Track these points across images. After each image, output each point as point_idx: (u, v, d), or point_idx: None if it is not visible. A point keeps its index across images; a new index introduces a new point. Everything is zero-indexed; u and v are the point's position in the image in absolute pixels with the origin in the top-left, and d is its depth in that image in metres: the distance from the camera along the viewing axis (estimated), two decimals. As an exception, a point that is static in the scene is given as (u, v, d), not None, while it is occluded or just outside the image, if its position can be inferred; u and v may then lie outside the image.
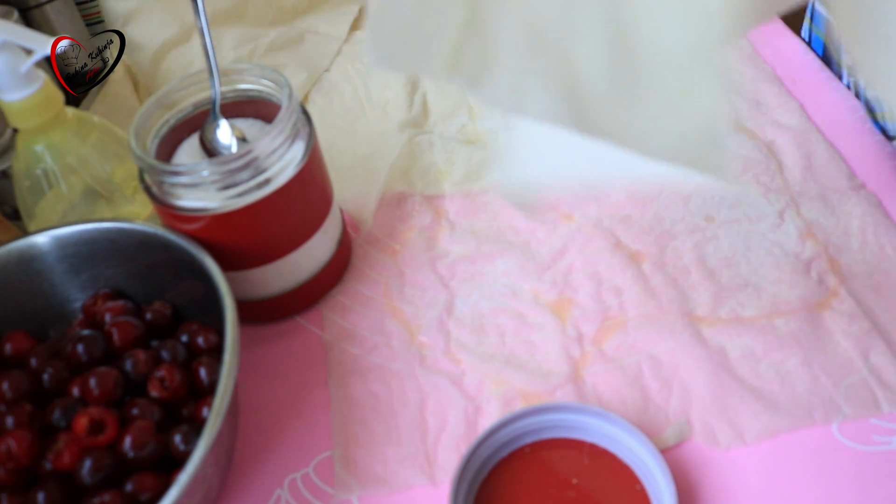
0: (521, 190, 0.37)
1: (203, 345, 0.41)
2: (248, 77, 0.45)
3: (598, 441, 0.39)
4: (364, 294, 0.49)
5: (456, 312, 0.47)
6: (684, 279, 0.47)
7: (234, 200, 0.41)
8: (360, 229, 0.53)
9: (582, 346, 0.44)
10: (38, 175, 0.45)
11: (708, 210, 0.51)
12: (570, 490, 0.37)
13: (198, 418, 0.39)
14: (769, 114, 0.57)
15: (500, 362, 0.44)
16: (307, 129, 0.44)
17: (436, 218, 0.53)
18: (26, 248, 0.43)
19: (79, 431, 0.36)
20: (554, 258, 0.49)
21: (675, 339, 0.43)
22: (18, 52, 0.41)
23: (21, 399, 0.39)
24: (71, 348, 0.40)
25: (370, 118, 0.62)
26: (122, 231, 0.43)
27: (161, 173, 0.40)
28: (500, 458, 0.38)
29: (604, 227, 0.50)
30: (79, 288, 0.45)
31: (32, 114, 0.42)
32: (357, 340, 0.46)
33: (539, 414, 0.39)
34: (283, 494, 0.40)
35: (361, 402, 0.43)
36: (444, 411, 0.42)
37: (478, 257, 0.50)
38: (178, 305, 0.44)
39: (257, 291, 0.45)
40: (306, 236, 0.45)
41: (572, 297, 0.47)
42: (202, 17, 0.43)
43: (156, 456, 0.37)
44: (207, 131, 0.44)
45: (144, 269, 0.44)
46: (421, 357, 0.45)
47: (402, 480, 0.39)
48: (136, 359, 0.40)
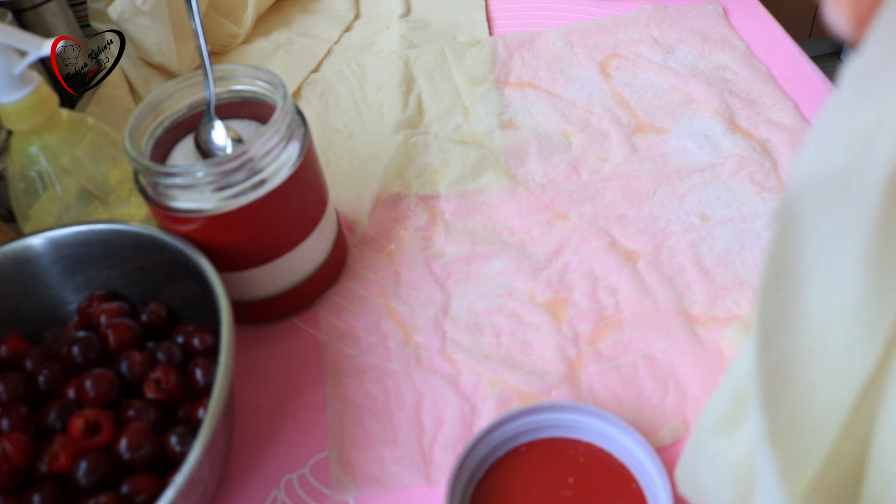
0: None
1: (199, 346, 0.41)
2: (242, 78, 0.45)
3: (594, 440, 0.39)
4: (359, 294, 0.49)
5: (451, 312, 0.47)
6: (679, 278, 0.47)
7: (230, 201, 0.41)
8: (356, 230, 0.53)
9: (577, 345, 0.44)
10: (33, 177, 0.45)
11: (703, 209, 0.51)
12: (566, 489, 0.37)
13: (193, 419, 0.39)
14: (763, 113, 0.57)
15: (495, 362, 0.44)
16: (302, 129, 0.44)
17: (431, 218, 0.53)
18: (21, 250, 0.43)
19: (74, 433, 0.36)
20: (549, 258, 0.49)
21: (671, 338, 0.44)
22: (12, 54, 0.41)
23: (16, 401, 0.38)
24: (66, 350, 0.40)
25: (365, 119, 0.62)
26: (118, 233, 0.43)
27: (156, 175, 0.40)
28: (496, 458, 0.39)
29: (599, 226, 0.51)
30: (74, 290, 0.44)
31: (27, 116, 0.42)
32: (353, 341, 0.46)
33: (535, 413, 0.39)
34: (279, 495, 0.40)
35: (357, 402, 0.43)
36: (440, 411, 0.42)
37: (473, 257, 0.50)
38: (174, 307, 0.44)
39: (253, 292, 0.45)
40: (301, 237, 0.45)
41: (568, 296, 0.47)
42: (196, 18, 0.43)
43: (152, 457, 0.37)
44: (202, 132, 0.44)
45: (140, 270, 0.44)
46: (417, 357, 0.45)
47: (398, 480, 0.40)
48: (131, 360, 0.39)
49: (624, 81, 0.62)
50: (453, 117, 0.61)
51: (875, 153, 0.18)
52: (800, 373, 0.22)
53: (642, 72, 0.63)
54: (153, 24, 0.62)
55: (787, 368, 0.22)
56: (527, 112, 0.60)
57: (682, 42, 0.65)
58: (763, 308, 0.21)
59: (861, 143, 0.18)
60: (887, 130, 0.18)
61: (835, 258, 0.20)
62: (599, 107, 0.60)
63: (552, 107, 0.60)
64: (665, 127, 0.58)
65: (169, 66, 0.65)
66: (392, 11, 0.74)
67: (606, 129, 0.58)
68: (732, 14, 0.68)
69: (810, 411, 0.22)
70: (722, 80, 0.61)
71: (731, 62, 0.62)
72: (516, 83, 0.64)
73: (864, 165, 0.18)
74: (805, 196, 0.20)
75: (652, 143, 0.56)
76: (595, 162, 0.55)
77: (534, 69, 0.65)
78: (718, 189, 0.52)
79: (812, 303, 0.21)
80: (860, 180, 0.18)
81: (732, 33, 0.65)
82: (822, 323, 0.21)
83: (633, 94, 0.61)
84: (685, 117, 0.58)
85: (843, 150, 0.19)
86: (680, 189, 0.52)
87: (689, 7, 0.69)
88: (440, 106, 0.62)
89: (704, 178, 0.53)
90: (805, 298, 0.21)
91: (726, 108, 0.58)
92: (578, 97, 0.61)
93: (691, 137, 0.56)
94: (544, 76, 0.64)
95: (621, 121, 0.58)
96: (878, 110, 0.18)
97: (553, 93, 0.62)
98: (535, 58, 0.66)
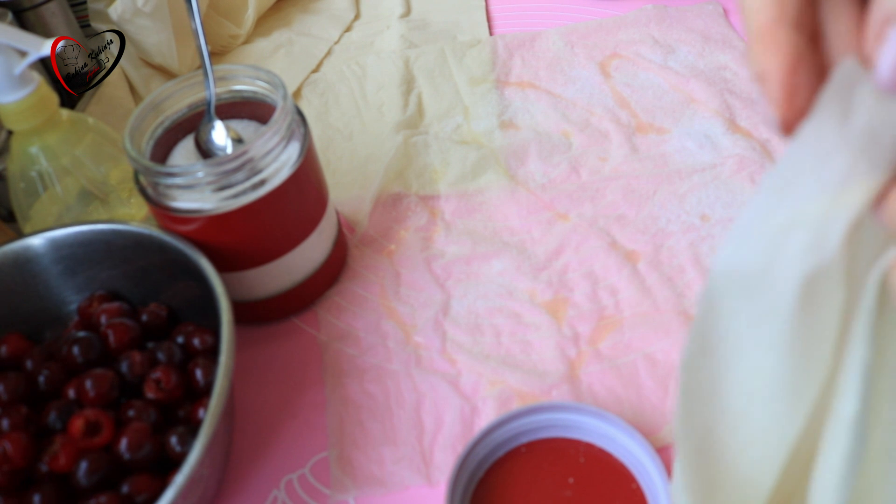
0: None
1: (199, 346, 0.41)
2: (242, 78, 0.45)
3: (595, 440, 0.39)
4: (360, 294, 0.49)
5: (452, 313, 0.47)
6: (679, 278, 0.47)
7: (230, 202, 0.41)
8: (356, 230, 0.53)
9: (578, 345, 0.44)
10: (33, 177, 0.45)
11: (703, 209, 0.51)
12: (566, 489, 0.37)
13: (194, 420, 0.39)
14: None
15: (495, 362, 0.44)
16: (302, 129, 0.44)
17: (431, 218, 0.53)
18: (21, 250, 0.43)
19: (74, 433, 0.36)
20: (549, 258, 0.49)
21: (671, 338, 0.44)
22: (12, 54, 0.41)
23: (16, 401, 0.39)
24: (66, 350, 0.40)
25: (366, 119, 0.62)
26: (118, 233, 0.43)
27: (156, 175, 0.40)
28: (496, 458, 0.38)
29: (599, 226, 0.51)
30: (74, 290, 0.45)
31: (27, 116, 0.42)
32: (353, 341, 0.46)
33: (535, 413, 0.39)
34: (279, 495, 0.40)
35: (357, 402, 0.43)
36: (440, 411, 0.42)
37: (473, 257, 0.50)
38: (174, 307, 0.44)
39: (253, 292, 0.45)
40: (302, 237, 0.45)
41: (568, 296, 0.47)
42: (196, 17, 0.43)
43: (152, 457, 0.37)
44: (202, 132, 0.44)
45: (140, 270, 0.44)
46: (417, 357, 0.45)
47: (398, 481, 0.40)
48: (131, 360, 0.40)
49: (624, 81, 0.62)
50: (453, 117, 0.61)
51: (787, 255, 0.20)
52: (728, 437, 0.23)
53: (642, 72, 0.63)
54: (154, 24, 0.62)
55: (713, 433, 0.24)
56: (527, 112, 0.60)
57: (682, 42, 0.65)
58: (687, 378, 0.24)
59: (775, 244, 0.20)
60: (798, 235, 0.20)
61: (755, 340, 0.22)
62: (599, 107, 0.60)
63: (552, 107, 0.60)
64: (665, 127, 0.58)
65: (169, 66, 0.65)
66: (392, 11, 0.74)
67: (606, 129, 0.58)
68: (733, 14, 0.68)
69: (737, 472, 0.23)
70: (722, 80, 0.61)
71: (731, 62, 0.62)
72: (516, 83, 0.64)
73: (777, 265, 0.20)
74: (727, 283, 0.22)
75: (652, 143, 0.56)
76: (595, 162, 0.55)
77: (534, 69, 0.65)
78: (719, 189, 0.52)
79: (739, 375, 0.23)
80: (774, 278, 0.20)
81: (733, 33, 0.65)
82: (748, 395, 0.23)
83: (633, 94, 0.61)
84: (685, 117, 0.58)
85: (760, 248, 0.20)
86: (680, 189, 0.52)
87: (690, 7, 0.69)
88: (440, 106, 0.62)
89: (705, 178, 0.53)
90: (732, 371, 0.23)
91: (726, 108, 0.58)
92: (578, 97, 0.61)
93: (691, 137, 0.56)
94: (544, 76, 0.64)
95: (621, 121, 0.58)
96: (791, 215, 0.20)
97: (553, 93, 0.62)
98: (535, 58, 0.66)
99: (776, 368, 0.22)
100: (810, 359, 0.21)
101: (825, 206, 0.19)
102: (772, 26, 0.20)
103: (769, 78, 0.19)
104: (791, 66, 0.19)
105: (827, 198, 0.19)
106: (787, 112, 0.19)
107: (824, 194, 0.19)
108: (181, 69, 0.65)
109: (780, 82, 0.19)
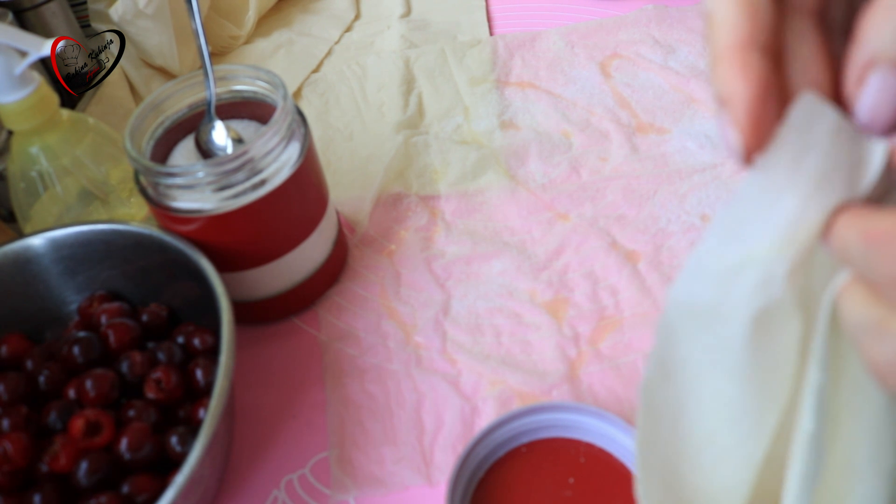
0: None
1: (199, 346, 0.41)
2: (243, 78, 0.45)
3: (595, 440, 0.39)
4: (360, 294, 0.49)
5: (452, 313, 0.47)
6: (680, 278, 0.47)
7: (230, 202, 0.41)
8: (356, 230, 0.53)
9: (578, 345, 0.44)
10: (34, 177, 0.45)
11: (703, 209, 0.51)
12: (566, 489, 0.37)
13: (194, 420, 0.39)
14: (764, 113, 0.57)
15: (496, 362, 0.44)
16: (302, 129, 0.44)
17: (431, 218, 0.53)
18: (22, 250, 0.43)
19: (75, 433, 0.36)
20: (549, 258, 0.49)
21: (671, 338, 0.43)
22: (13, 54, 0.41)
23: (17, 401, 0.39)
24: (67, 350, 0.40)
25: (366, 119, 0.62)
26: (118, 233, 0.43)
27: (156, 175, 0.40)
28: (496, 458, 0.38)
29: (599, 226, 0.51)
30: (74, 290, 0.45)
31: (27, 116, 0.42)
32: (353, 341, 0.46)
33: (535, 414, 0.39)
34: (279, 495, 0.40)
35: (358, 402, 0.43)
36: (440, 411, 0.42)
37: (473, 257, 0.50)
38: (174, 307, 0.44)
39: (253, 292, 0.45)
40: (302, 237, 0.45)
41: (568, 296, 0.47)
42: (197, 18, 0.43)
43: (152, 457, 0.37)
44: (203, 133, 0.44)
45: (140, 270, 0.44)
46: (417, 357, 0.45)
47: (398, 481, 0.40)
48: (132, 360, 0.40)
49: (624, 81, 0.62)
50: (454, 117, 0.61)
51: (737, 294, 0.20)
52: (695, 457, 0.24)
53: (643, 72, 0.63)
54: (155, 26, 0.62)
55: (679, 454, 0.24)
56: (527, 112, 0.60)
57: (682, 42, 0.65)
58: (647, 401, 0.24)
59: (726, 282, 0.21)
60: (748, 275, 0.20)
61: (712, 367, 0.22)
62: (600, 107, 0.60)
63: (552, 107, 0.60)
64: (665, 127, 0.57)
65: (170, 68, 0.65)
66: (392, 11, 0.74)
67: (607, 129, 0.58)
68: (733, 14, 0.68)
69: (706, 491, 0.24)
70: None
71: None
72: (517, 83, 0.64)
73: (729, 302, 0.21)
74: (682, 314, 0.22)
75: (652, 143, 0.56)
76: (595, 162, 0.55)
77: (534, 69, 0.65)
78: (719, 189, 0.52)
79: (701, 398, 0.23)
80: (726, 314, 0.21)
81: (733, 33, 0.65)
82: (711, 417, 0.23)
83: (633, 94, 0.61)
84: (686, 117, 0.58)
85: (711, 285, 0.21)
86: (680, 189, 0.52)
87: (690, 7, 0.69)
88: (440, 106, 0.62)
89: (705, 178, 0.53)
90: (695, 394, 0.23)
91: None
92: (579, 97, 0.61)
93: (692, 137, 0.56)
94: (545, 76, 0.64)
95: (622, 121, 0.58)
96: (741, 255, 0.20)
97: (553, 93, 0.62)
98: (535, 58, 0.66)
99: (736, 393, 0.22)
100: (769, 382, 0.22)
101: (774, 248, 0.20)
102: (742, 47, 0.19)
103: (735, 102, 0.19)
104: (760, 95, 0.19)
105: (776, 239, 0.19)
106: (751, 140, 0.19)
107: (773, 236, 0.19)
108: (182, 70, 0.65)
109: (747, 110, 0.19)
